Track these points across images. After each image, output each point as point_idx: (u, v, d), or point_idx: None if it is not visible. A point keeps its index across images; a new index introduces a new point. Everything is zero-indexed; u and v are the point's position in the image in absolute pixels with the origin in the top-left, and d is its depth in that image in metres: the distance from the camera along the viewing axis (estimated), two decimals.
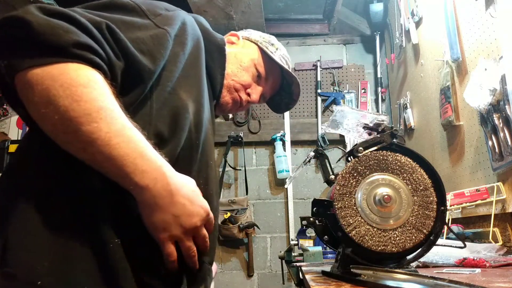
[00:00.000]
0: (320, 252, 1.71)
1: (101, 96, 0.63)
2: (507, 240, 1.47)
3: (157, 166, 0.67)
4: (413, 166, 0.85)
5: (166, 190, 0.67)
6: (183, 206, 0.69)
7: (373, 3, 3.09)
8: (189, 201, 0.70)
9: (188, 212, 0.69)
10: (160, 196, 0.66)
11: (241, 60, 1.08)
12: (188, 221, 0.69)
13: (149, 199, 0.66)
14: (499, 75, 1.41)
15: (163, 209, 0.67)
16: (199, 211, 0.71)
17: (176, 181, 0.69)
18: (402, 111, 2.69)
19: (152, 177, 0.65)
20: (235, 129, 3.30)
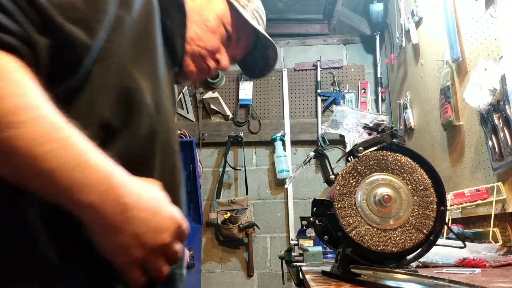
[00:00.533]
0: (320, 252, 1.71)
1: (19, 91, 0.47)
2: (507, 240, 1.47)
3: (103, 176, 0.51)
4: (413, 166, 0.85)
5: (119, 204, 0.51)
6: (144, 221, 0.53)
7: (373, 3, 3.09)
8: (152, 213, 0.54)
9: (152, 228, 0.54)
10: (110, 214, 0.50)
11: (206, 19, 0.88)
12: (153, 239, 0.54)
13: (98, 220, 0.51)
14: (499, 75, 1.41)
15: (117, 230, 0.51)
16: (166, 224, 0.56)
17: (131, 191, 0.53)
18: (402, 111, 2.69)
19: (98, 191, 0.50)
20: (235, 129, 3.30)
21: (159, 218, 0.55)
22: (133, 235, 0.52)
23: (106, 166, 0.52)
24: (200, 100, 3.35)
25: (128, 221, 0.52)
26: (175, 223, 0.57)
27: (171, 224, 0.56)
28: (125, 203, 0.52)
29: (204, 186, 3.26)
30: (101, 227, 0.51)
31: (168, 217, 0.56)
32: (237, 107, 3.32)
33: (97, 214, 0.50)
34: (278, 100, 3.37)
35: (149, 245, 0.54)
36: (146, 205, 0.54)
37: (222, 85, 3.41)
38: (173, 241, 0.57)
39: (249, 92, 3.34)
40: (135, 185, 0.54)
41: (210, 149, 3.33)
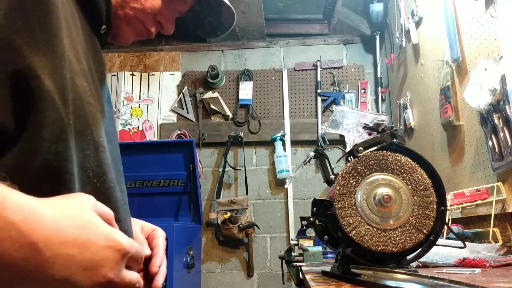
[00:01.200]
0: (320, 252, 1.71)
1: None
2: (507, 240, 1.47)
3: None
4: (413, 166, 0.85)
5: (26, 246, 0.36)
6: (69, 259, 0.39)
7: (373, 3, 3.09)
8: (81, 245, 0.40)
9: (83, 264, 0.39)
10: (17, 263, 0.36)
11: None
12: (89, 278, 0.40)
13: (2, 275, 0.36)
14: (499, 75, 1.41)
15: (35, 279, 0.37)
16: (104, 256, 0.41)
17: (41, 223, 0.37)
18: (402, 111, 2.69)
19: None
20: (235, 129, 3.30)
21: (91, 249, 0.40)
22: (59, 282, 0.38)
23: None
24: (200, 100, 3.35)
25: (46, 265, 0.37)
26: (118, 250, 0.42)
27: (111, 254, 0.42)
28: (34, 242, 0.37)
29: (204, 186, 3.26)
30: (13, 281, 0.37)
31: (104, 245, 0.41)
32: (237, 107, 3.32)
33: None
34: (278, 100, 3.37)
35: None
36: (68, 236, 0.39)
37: (222, 85, 3.41)
38: (120, 272, 0.43)
39: (249, 92, 3.34)
40: (46, 212, 0.38)
41: (210, 149, 3.33)
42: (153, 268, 0.64)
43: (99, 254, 0.41)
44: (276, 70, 3.42)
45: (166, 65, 3.49)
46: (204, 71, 3.39)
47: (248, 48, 3.49)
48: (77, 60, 0.54)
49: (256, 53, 3.48)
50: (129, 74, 3.47)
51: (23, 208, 0.37)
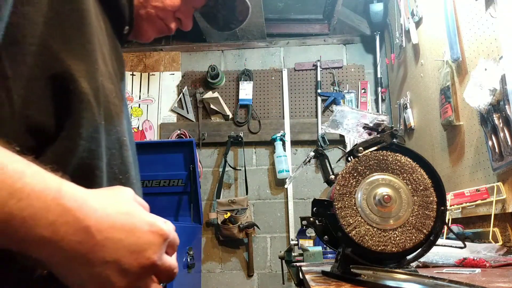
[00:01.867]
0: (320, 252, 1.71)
1: None
2: (507, 240, 1.47)
3: (49, 201, 0.38)
4: (413, 166, 0.85)
5: (80, 230, 0.39)
6: (118, 243, 0.41)
7: (373, 3, 3.09)
8: (127, 230, 0.43)
9: (130, 248, 0.42)
10: (72, 245, 0.39)
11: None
12: (136, 261, 0.42)
13: (56, 255, 0.39)
14: (499, 75, 1.41)
15: (87, 260, 0.40)
16: (148, 240, 0.44)
17: (93, 210, 0.41)
18: (402, 111, 2.69)
19: (47, 222, 0.37)
20: (235, 129, 3.30)
21: (137, 234, 0.43)
22: (108, 263, 0.41)
23: (51, 186, 0.39)
24: (200, 100, 3.35)
25: (97, 248, 0.40)
26: (160, 235, 0.45)
27: (154, 238, 0.44)
28: (88, 226, 0.40)
29: (204, 186, 3.26)
30: (64, 263, 0.40)
31: (148, 230, 0.44)
32: (237, 107, 3.32)
33: (53, 250, 0.38)
34: (278, 100, 3.37)
35: (132, 269, 0.42)
36: (116, 222, 0.42)
37: (222, 85, 3.41)
38: (162, 256, 0.45)
39: (249, 92, 3.34)
40: (96, 201, 0.42)
41: (210, 149, 3.33)
42: None
43: (143, 239, 0.43)
44: (276, 70, 3.42)
45: (166, 65, 3.49)
46: (204, 71, 3.39)
47: (248, 48, 3.49)
48: (104, 63, 0.57)
49: (256, 53, 3.48)
50: (129, 74, 3.47)
51: (77, 197, 0.40)
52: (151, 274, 0.45)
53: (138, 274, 0.43)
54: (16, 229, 0.36)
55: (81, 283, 0.41)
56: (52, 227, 0.38)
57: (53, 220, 0.38)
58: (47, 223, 0.38)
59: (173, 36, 3.46)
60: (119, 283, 0.42)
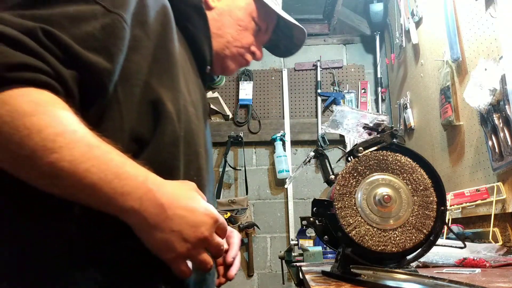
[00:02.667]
0: (320, 252, 1.71)
1: (54, 121, 0.53)
2: (507, 240, 1.47)
3: (139, 183, 0.57)
4: (413, 166, 0.85)
5: (157, 206, 0.58)
6: (182, 218, 0.59)
7: (373, 3, 3.09)
8: (189, 211, 0.60)
9: (190, 223, 0.60)
10: (151, 215, 0.57)
11: (238, 19, 0.95)
12: (193, 233, 0.60)
13: (140, 221, 0.57)
14: (499, 75, 1.41)
15: (160, 228, 0.58)
16: (203, 220, 0.61)
17: (167, 193, 0.59)
18: (402, 111, 2.69)
19: (136, 197, 0.56)
20: (235, 129, 3.30)
21: (196, 214, 0.61)
22: (174, 232, 0.59)
23: (141, 174, 0.59)
24: None
25: (167, 220, 0.58)
26: (211, 218, 0.62)
27: (207, 219, 0.62)
28: (162, 204, 0.58)
29: None
30: (145, 228, 0.58)
31: (204, 213, 0.62)
32: (237, 107, 3.32)
33: (139, 217, 0.57)
34: (278, 100, 3.37)
35: (190, 239, 0.59)
36: (183, 204, 0.60)
37: (222, 85, 3.40)
38: (213, 234, 0.62)
39: (249, 92, 3.34)
40: (170, 188, 0.61)
41: None
42: (228, 258, 0.91)
43: (200, 218, 0.61)
44: (276, 70, 3.42)
45: None
46: None
47: None
48: (188, 93, 0.77)
49: None
50: None
51: (157, 182, 0.60)
52: (204, 246, 0.62)
53: (194, 244, 0.60)
54: (117, 199, 0.56)
55: (156, 245, 0.59)
56: (140, 200, 0.57)
57: (141, 196, 0.57)
58: (136, 197, 0.57)
59: None
60: (180, 248, 0.59)
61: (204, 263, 0.62)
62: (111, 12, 0.62)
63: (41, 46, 0.55)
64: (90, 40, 0.60)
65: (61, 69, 0.56)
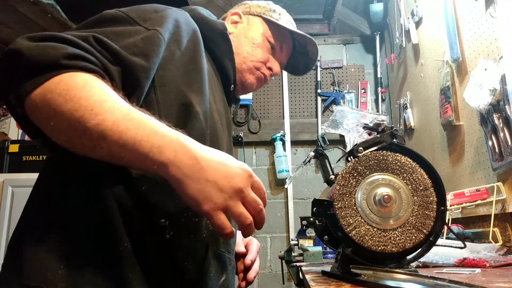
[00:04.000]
0: (320, 252, 1.71)
1: (100, 92, 0.64)
2: (507, 240, 1.47)
3: (173, 139, 0.63)
4: (413, 166, 0.85)
5: (191, 158, 0.63)
6: (216, 169, 0.63)
7: (373, 3, 3.09)
8: (222, 163, 0.64)
9: (224, 174, 0.63)
10: (186, 166, 0.62)
11: (253, 38, 1.12)
12: (228, 184, 0.63)
13: (176, 173, 0.62)
14: (499, 75, 1.41)
15: (195, 179, 0.62)
16: (237, 172, 0.65)
17: (199, 148, 0.65)
18: (402, 111, 2.69)
19: (171, 149, 0.62)
20: (235, 129, 3.30)
21: (229, 167, 0.65)
22: (209, 182, 0.62)
23: (174, 133, 0.65)
24: None
25: (201, 170, 0.62)
26: (245, 171, 0.66)
27: (241, 172, 0.65)
28: (196, 156, 0.63)
29: None
30: (180, 180, 0.62)
31: (237, 166, 0.66)
32: (237, 107, 3.32)
33: (175, 169, 0.62)
34: (278, 100, 3.37)
35: (226, 189, 0.63)
36: (215, 157, 0.65)
37: None
38: (248, 187, 0.65)
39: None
40: (201, 145, 0.66)
41: None
42: (246, 261, 1.01)
43: (234, 171, 0.65)
44: None
45: None
46: None
47: None
48: (214, 101, 0.92)
49: None
50: None
51: (190, 140, 0.65)
52: (239, 198, 0.64)
53: (230, 194, 0.63)
54: (154, 152, 0.62)
55: (193, 196, 0.62)
56: (174, 153, 0.62)
57: (175, 149, 0.63)
58: (172, 150, 0.62)
59: None
60: (217, 199, 0.62)
61: (240, 216, 0.63)
62: (150, 29, 0.78)
63: (92, 46, 0.68)
64: (132, 47, 0.73)
65: (107, 63, 0.69)
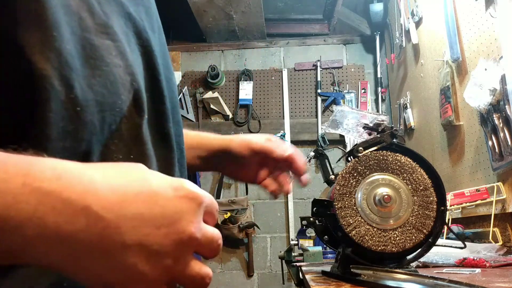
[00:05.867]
0: (320, 252, 1.71)
1: None
2: (507, 240, 1.47)
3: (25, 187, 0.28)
4: (413, 166, 0.85)
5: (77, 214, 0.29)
6: (136, 219, 0.31)
7: (373, 3, 3.09)
8: (146, 200, 0.32)
9: (155, 222, 0.32)
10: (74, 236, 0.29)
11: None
12: (167, 239, 0.32)
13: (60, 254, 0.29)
14: (499, 75, 1.41)
15: (101, 251, 0.30)
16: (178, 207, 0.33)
17: (86, 183, 0.30)
18: (402, 111, 2.69)
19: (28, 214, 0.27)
20: (235, 129, 3.30)
21: (160, 202, 0.32)
22: (131, 248, 0.31)
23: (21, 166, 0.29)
24: (200, 100, 3.35)
25: (109, 231, 0.30)
26: (191, 199, 0.34)
27: (184, 204, 0.34)
28: (86, 207, 0.29)
29: (204, 186, 3.26)
30: (75, 262, 0.30)
31: (173, 196, 0.33)
32: (237, 107, 3.32)
33: (55, 248, 0.29)
34: (278, 100, 3.37)
35: (164, 251, 0.32)
36: (127, 193, 0.32)
37: (222, 85, 3.41)
38: (200, 226, 0.35)
39: (249, 92, 3.34)
40: (90, 173, 0.31)
41: None
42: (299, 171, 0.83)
43: (170, 207, 0.33)
44: (276, 70, 3.42)
45: None
46: (204, 71, 3.39)
47: (248, 48, 3.49)
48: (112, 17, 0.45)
49: (256, 53, 3.48)
50: None
51: (57, 173, 0.29)
52: (191, 251, 0.34)
53: (173, 255, 0.32)
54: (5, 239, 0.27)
55: (105, 283, 0.31)
56: (34, 221, 0.28)
57: (34, 209, 0.28)
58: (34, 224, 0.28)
59: (173, 36, 3.46)
60: (152, 272, 0.31)
61: (200, 278, 0.35)
62: None
63: None
64: None
65: None
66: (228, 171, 0.89)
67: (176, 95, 0.56)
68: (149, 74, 0.47)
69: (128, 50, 0.43)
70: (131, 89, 0.43)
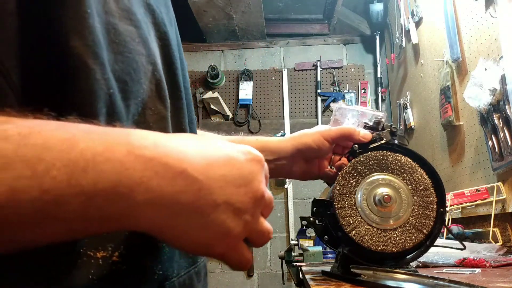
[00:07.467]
0: (320, 252, 1.71)
1: None
2: (507, 240, 1.47)
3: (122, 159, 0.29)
4: (413, 166, 0.85)
5: (176, 177, 0.31)
6: (222, 180, 0.34)
7: (373, 3, 3.09)
8: (225, 164, 0.34)
9: (236, 183, 0.34)
10: (174, 198, 0.31)
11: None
12: (246, 197, 0.35)
13: (160, 217, 0.31)
14: (499, 75, 1.41)
15: (197, 210, 0.32)
16: (250, 169, 0.36)
17: (178, 150, 0.32)
18: (402, 111, 2.69)
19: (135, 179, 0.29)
20: (235, 129, 3.30)
21: (237, 166, 0.35)
22: (221, 206, 0.33)
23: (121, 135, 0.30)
24: (200, 100, 3.35)
25: (203, 192, 0.32)
26: (257, 161, 0.37)
27: (254, 166, 0.37)
28: (183, 171, 0.31)
29: None
30: (172, 223, 0.32)
31: (245, 159, 0.36)
32: (237, 107, 3.32)
33: (156, 211, 0.30)
34: (278, 100, 3.37)
35: (245, 208, 0.35)
36: (210, 158, 0.34)
37: (222, 85, 3.41)
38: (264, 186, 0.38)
39: (249, 92, 3.34)
40: (176, 140, 0.33)
41: None
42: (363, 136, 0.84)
43: (245, 169, 0.36)
44: (276, 70, 3.42)
45: None
46: (204, 71, 3.39)
47: (248, 48, 3.49)
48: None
49: (256, 53, 3.48)
50: None
51: (154, 142, 0.31)
52: (261, 208, 0.37)
53: (251, 211, 0.35)
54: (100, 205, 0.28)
55: (197, 240, 0.33)
56: (142, 186, 0.29)
57: (141, 175, 0.29)
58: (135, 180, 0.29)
59: None
60: (236, 227, 0.34)
61: (267, 233, 0.38)
62: None
63: None
64: None
65: None
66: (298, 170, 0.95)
67: (190, 92, 0.54)
68: (167, 68, 0.46)
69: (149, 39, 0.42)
70: (152, 79, 0.42)
